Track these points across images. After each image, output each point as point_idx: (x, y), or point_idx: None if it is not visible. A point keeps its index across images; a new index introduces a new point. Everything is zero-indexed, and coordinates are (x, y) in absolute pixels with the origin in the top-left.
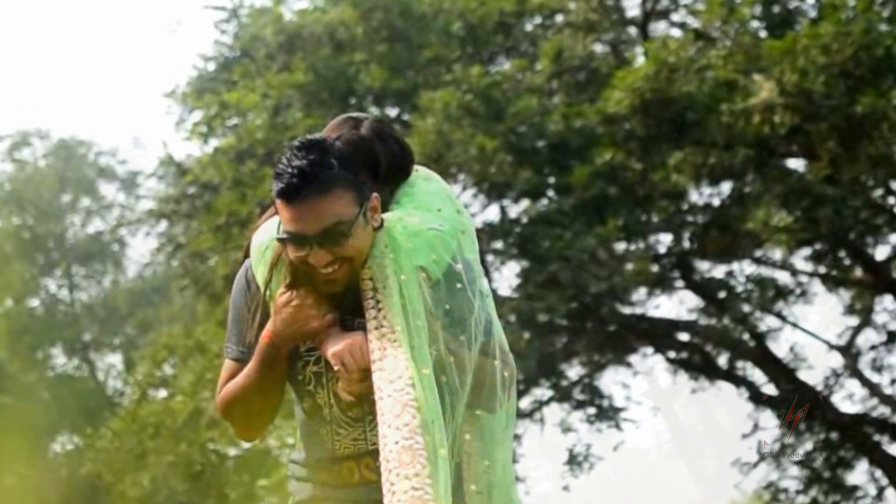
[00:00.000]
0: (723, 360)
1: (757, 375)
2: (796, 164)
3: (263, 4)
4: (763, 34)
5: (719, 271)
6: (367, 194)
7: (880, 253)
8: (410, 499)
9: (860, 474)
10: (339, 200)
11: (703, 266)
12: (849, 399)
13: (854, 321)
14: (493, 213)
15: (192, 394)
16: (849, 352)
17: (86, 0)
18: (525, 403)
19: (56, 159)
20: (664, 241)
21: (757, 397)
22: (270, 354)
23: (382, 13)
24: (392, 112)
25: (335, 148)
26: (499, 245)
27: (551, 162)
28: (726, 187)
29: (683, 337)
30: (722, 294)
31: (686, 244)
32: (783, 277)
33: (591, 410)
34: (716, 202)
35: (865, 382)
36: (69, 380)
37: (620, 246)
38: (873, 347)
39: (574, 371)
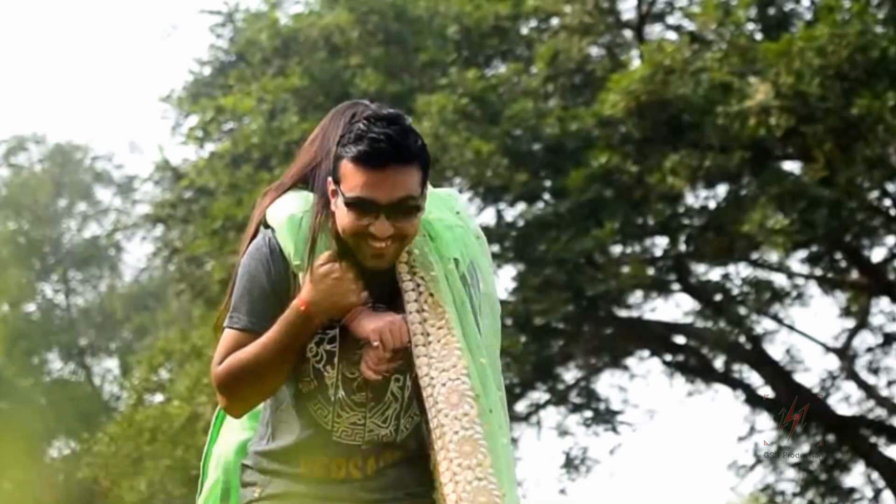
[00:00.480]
0: (719, 363)
1: (753, 378)
2: (792, 166)
3: (259, 9)
4: (758, 36)
5: (715, 274)
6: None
7: (876, 255)
8: (475, 489)
9: (857, 476)
10: (413, 175)
11: (699, 269)
12: (845, 401)
13: (850, 323)
14: (489, 217)
15: (188, 398)
16: (845, 354)
17: (81, 4)
18: (522, 407)
19: (52, 164)
20: (660, 243)
21: (754, 399)
22: (301, 324)
23: (378, 17)
24: None
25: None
26: (495, 248)
27: (547, 165)
28: (722, 190)
29: (680, 340)
30: (718, 297)
31: (682, 247)
32: (779, 280)
33: (588, 414)
34: (712, 205)
35: (862, 384)
36: (65, 385)
37: (616, 249)
38: (869, 349)
39: (571, 374)
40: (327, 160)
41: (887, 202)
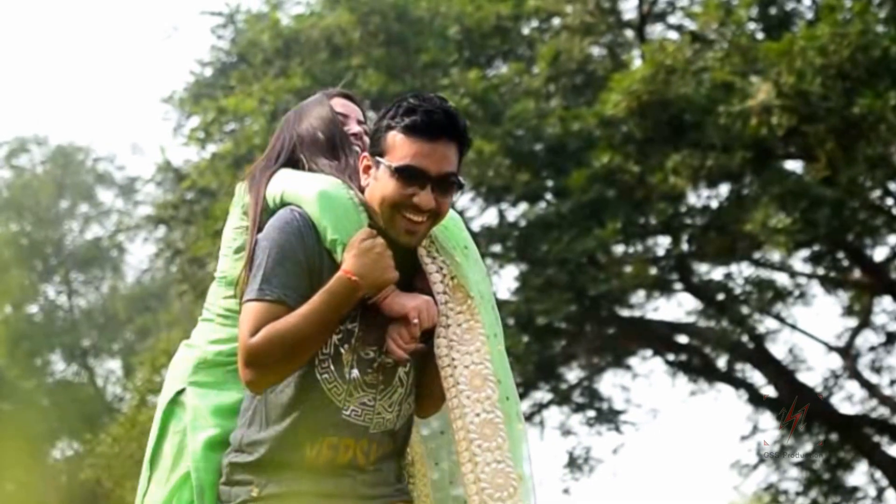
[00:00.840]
0: (722, 363)
1: (756, 377)
2: (794, 165)
3: (260, 10)
4: (760, 36)
5: (718, 273)
6: None
7: (879, 254)
8: (493, 471)
9: (860, 475)
10: (457, 155)
11: (701, 268)
12: (848, 400)
13: (853, 322)
14: (491, 217)
15: None
16: (848, 353)
17: (82, 6)
18: (524, 407)
19: (54, 165)
20: (662, 243)
21: (756, 399)
22: (346, 295)
23: (379, 17)
24: None
25: None
26: (497, 248)
27: (549, 165)
28: (724, 189)
29: (682, 339)
30: (721, 296)
31: (684, 246)
32: (782, 279)
33: (591, 413)
34: (714, 204)
35: (864, 383)
36: (68, 386)
37: (619, 249)
38: (872, 348)
39: (573, 374)
40: (312, 141)
41: (889, 201)
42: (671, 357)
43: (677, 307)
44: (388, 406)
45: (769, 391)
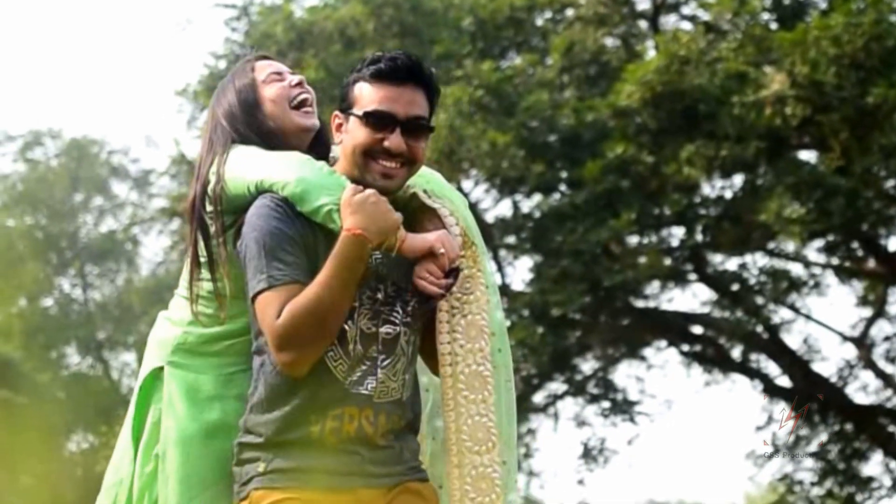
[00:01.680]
0: (736, 353)
1: (771, 368)
2: (808, 155)
3: (274, 2)
4: (774, 26)
5: (732, 264)
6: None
7: (893, 244)
8: (475, 424)
9: (875, 465)
10: (426, 102)
11: (715, 259)
12: (863, 390)
13: (867, 312)
14: (505, 208)
15: None
16: (862, 343)
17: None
18: (539, 398)
19: (68, 159)
20: (677, 234)
21: (771, 389)
22: (357, 252)
23: (393, 9)
24: None
25: None
26: (511, 240)
27: (563, 156)
28: (738, 180)
29: (697, 330)
30: (735, 286)
31: (699, 237)
32: (796, 269)
33: (606, 404)
34: (728, 195)
35: (879, 373)
36: (84, 378)
37: (633, 239)
38: (887, 338)
39: (588, 365)
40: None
41: None
42: (686, 348)
43: (692, 298)
44: (392, 375)
45: (784, 381)
